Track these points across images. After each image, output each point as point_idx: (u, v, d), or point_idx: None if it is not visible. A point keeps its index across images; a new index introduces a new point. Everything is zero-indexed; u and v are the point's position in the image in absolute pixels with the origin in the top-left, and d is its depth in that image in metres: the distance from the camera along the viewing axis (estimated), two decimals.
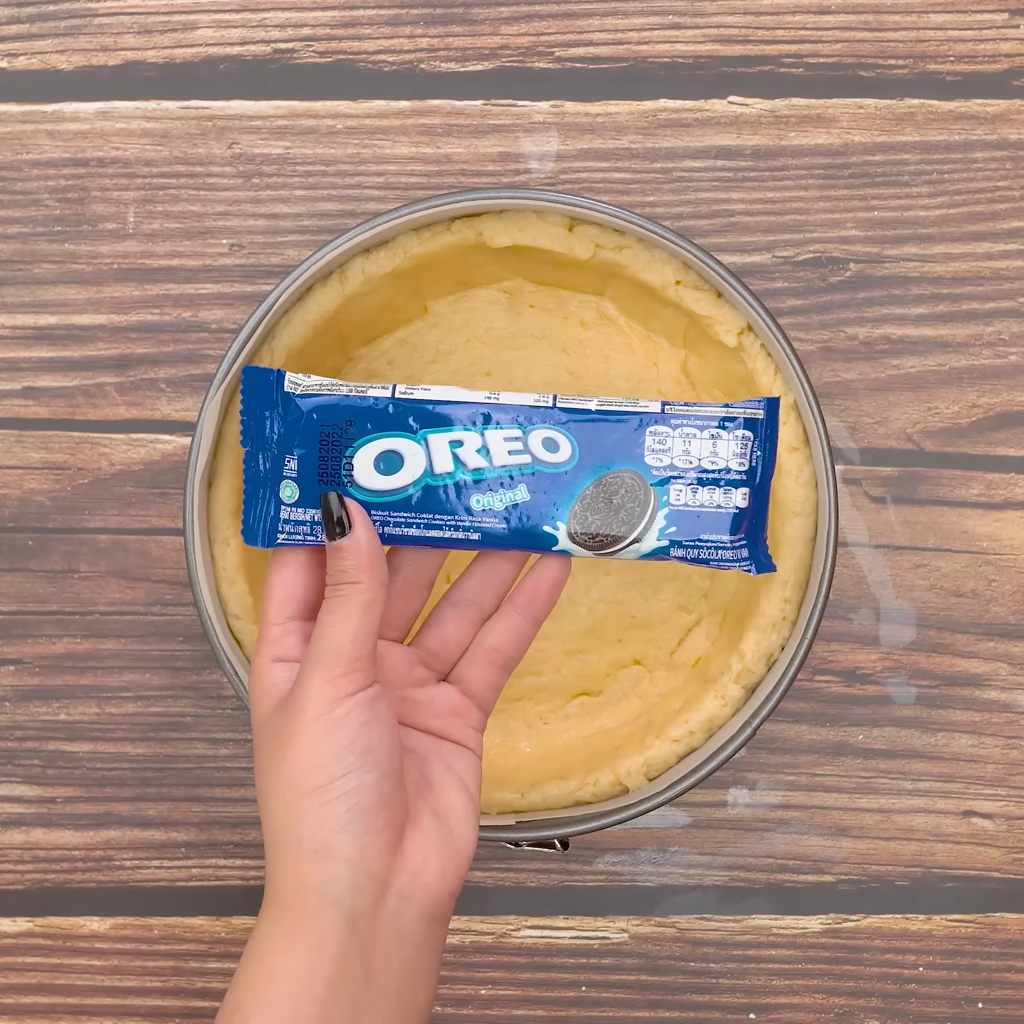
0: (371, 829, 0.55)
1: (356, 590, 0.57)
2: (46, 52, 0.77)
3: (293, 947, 0.54)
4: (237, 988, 0.55)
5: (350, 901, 0.54)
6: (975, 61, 0.77)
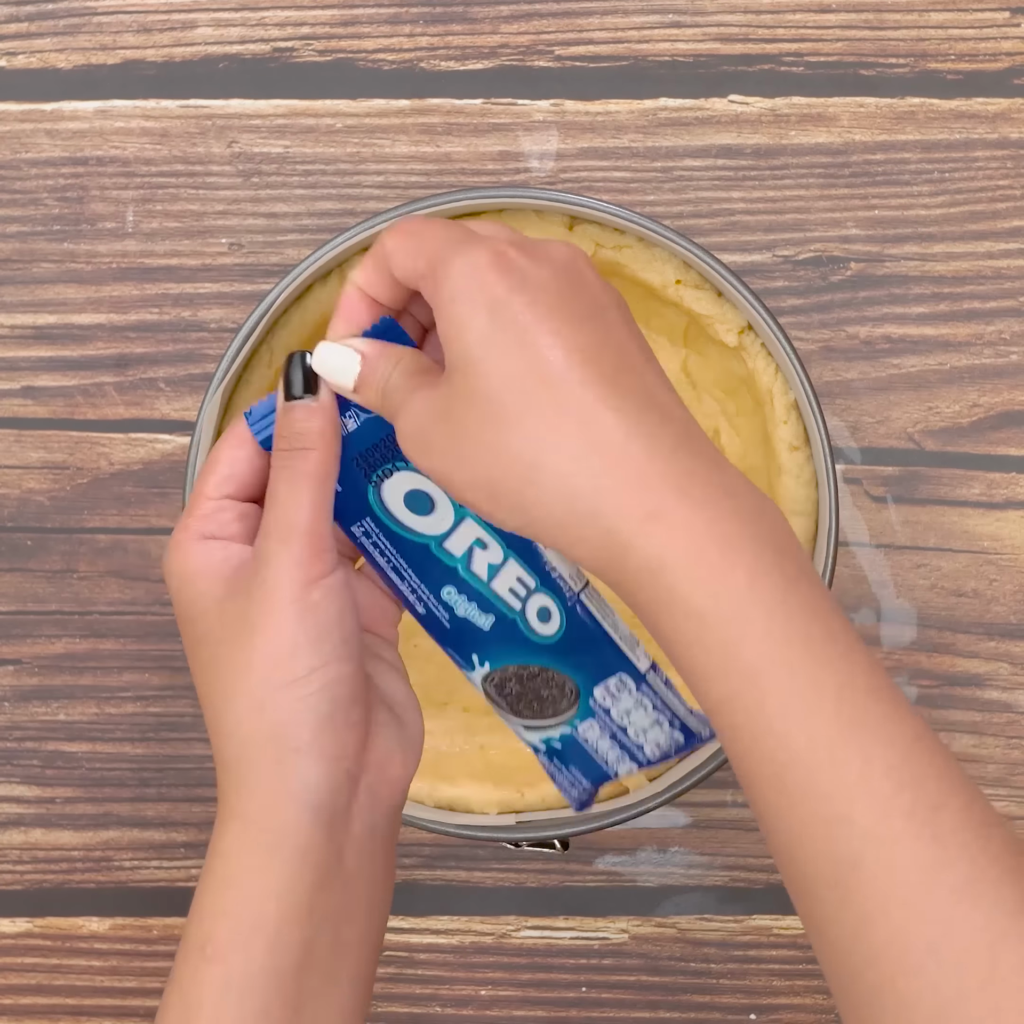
0: (349, 723, 0.50)
1: (313, 458, 0.50)
2: (45, 51, 0.77)
3: (268, 864, 0.49)
4: (204, 916, 0.50)
5: (330, 803, 0.50)
6: (976, 60, 0.77)
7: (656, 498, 0.45)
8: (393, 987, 0.78)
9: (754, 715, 0.44)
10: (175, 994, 0.50)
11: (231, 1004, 0.49)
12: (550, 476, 0.46)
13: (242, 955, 0.49)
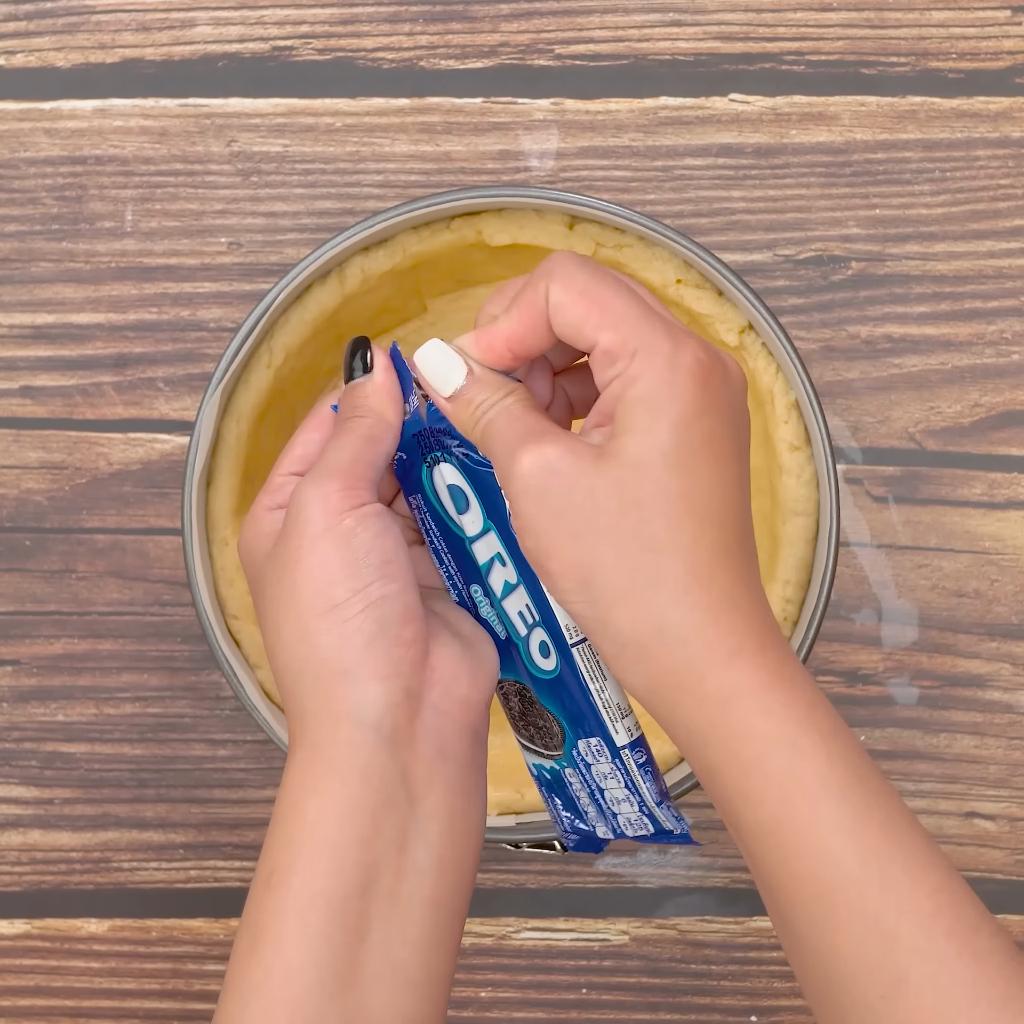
0: (400, 642, 0.50)
1: (362, 422, 0.52)
2: (43, 50, 0.77)
3: (329, 787, 0.49)
4: (271, 848, 0.50)
5: (389, 722, 0.49)
6: (977, 58, 0.76)
7: (741, 643, 0.48)
8: None
9: (807, 835, 0.47)
10: (243, 928, 0.50)
11: (292, 928, 0.48)
12: (654, 598, 0.48)
13: (302, 879, 0.48)
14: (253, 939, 0.49)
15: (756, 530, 0.71)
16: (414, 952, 0.49)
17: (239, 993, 0.49)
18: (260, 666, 0.68)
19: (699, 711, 0.48)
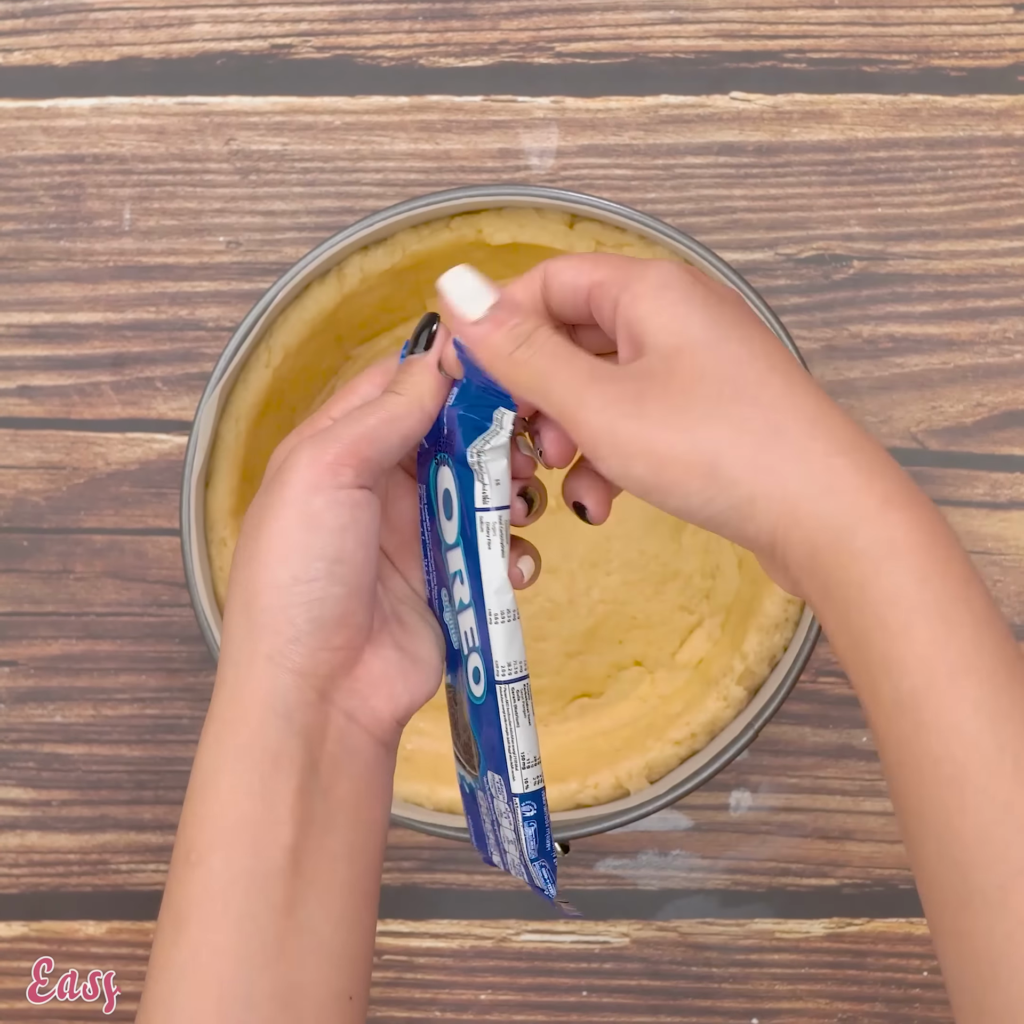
0: (327, 646, 0.50)
1: (392, 399, 0.52)
2: (41, 47, 0.77)
3: (242, 767, 0.50)
4: (187, 824, 0.50)
5: (300, 716, 0.50)
6: (980, 56, 0.76)
7: (890, 489, 0.47)
8: (392, 991, 0.78)
9: (945, 712, 0.45)
10: (165, 907, 0.50)
11: (216, 907, 0.49)
12: (791, 453, 0.47)
13: (223, 857, 0.49)
14: (177, 918, 0.49)
15: None
16: (336, 930, 0.50)
17: (167, 973, 0.49)
18: None
19: (854, 569, 0.46)
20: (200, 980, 0.49)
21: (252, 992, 0.49)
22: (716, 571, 0.73)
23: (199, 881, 0.49)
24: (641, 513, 0.73)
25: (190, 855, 0.50)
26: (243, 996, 0.49)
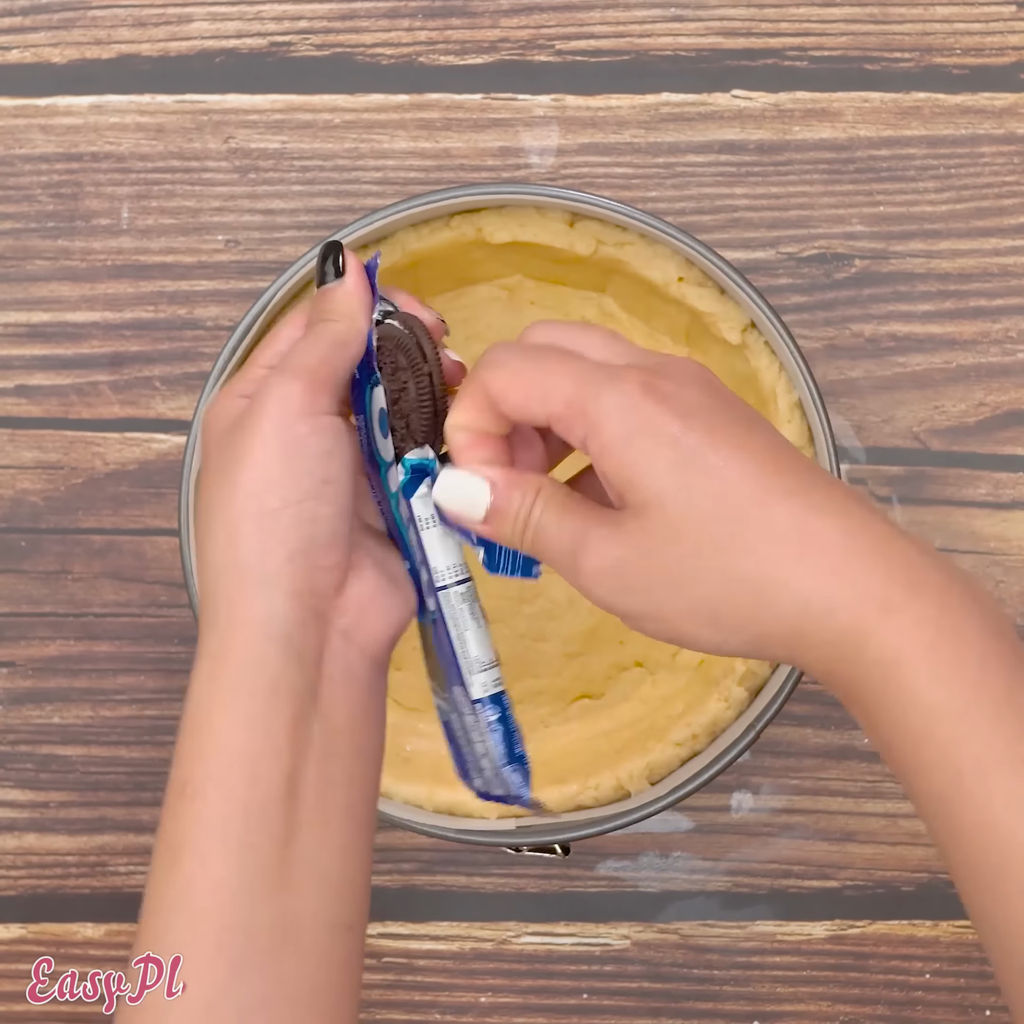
0: (319, 565, 0.50)
1: (332, 326, 0.53)
2: (39, 45, 0.77)
3: (238, 699, 0.49)
4: (182, 759, 0.50)
5: (298, 637, 0.50)
6: (982, 54, 0.76)
7: (888, 591, 0.47)
8: (392, 994, 0.77)
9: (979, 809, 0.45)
10: (160, 842, 0.50)
11: (214, 838, 0.48)
12: (782, 588, 0.47)
13: (220, 789, 0.49)
14: (173, 852, 0.49)
15: None
16: (333, 858, 0.50)
17: (163, 907, 0.49)
18: None
19: (867, 682, 0.46)
20: (198, 911, 0.48)
21: (252, 922, 0.48)
22: None
23: (195, 814, 0.49)
24: None
25: (185, 788, 0.49)
26: (243, 926, 0.48)
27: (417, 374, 0.54)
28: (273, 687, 0.49)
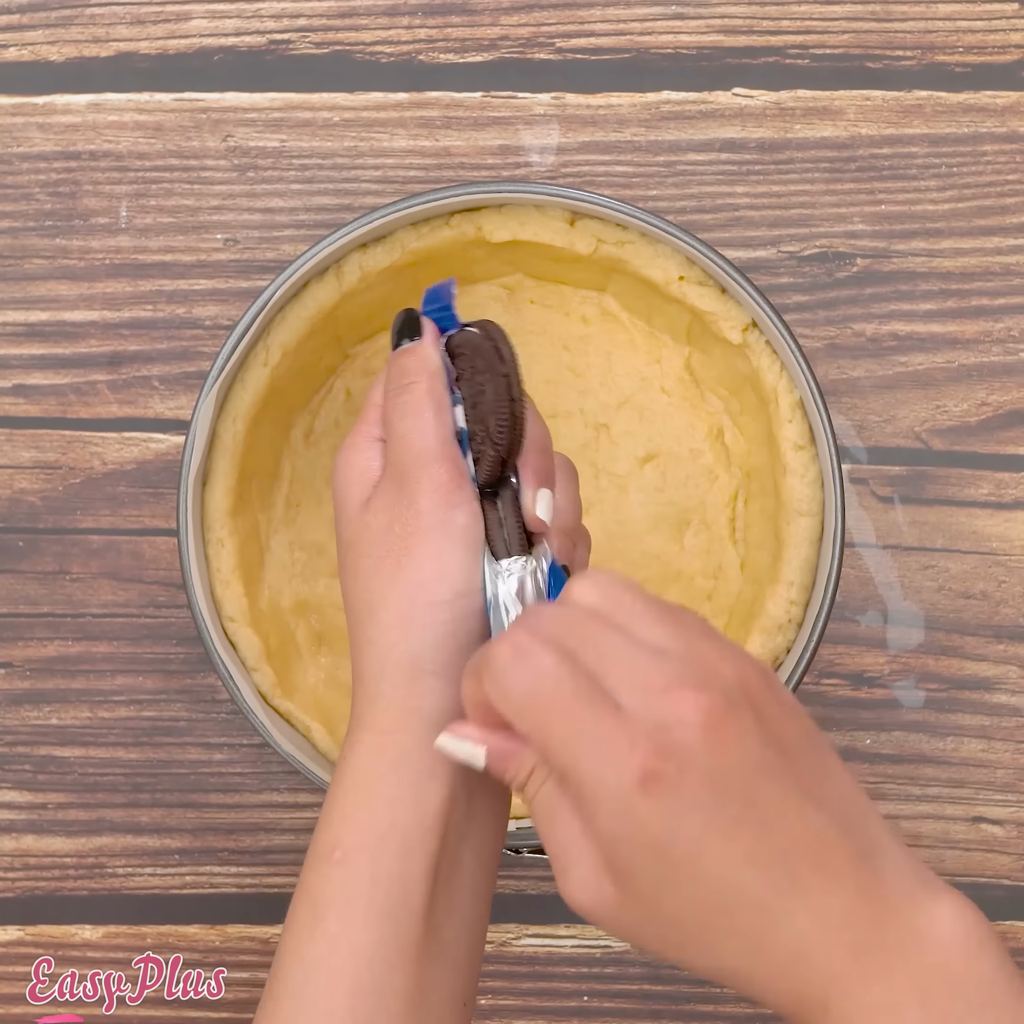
0: None
1: (421, 389, 0.55)
2: (37, 43, 0.76)
3: (399, 775, 0.51)
4: (334, 823, 0.52)
5: None
6: (984, 52, 0.76)
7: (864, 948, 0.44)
8: None
9: None
10: (303, 900, 0.52)
11: (359, 905, 0.50)
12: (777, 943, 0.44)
13: (370, 858, 0.51)
14: (315, 912, 0.51)
15: (759, 531, 0.71)
16: (460, 935, 0.52)
17: (301, 964, 0.51)
18: (256, 669, 0.68)
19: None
20: (334, 974, 0.50)
21: (384, 991, 0.50)
22: (718, 572, 0.72)
23: (342, 879, 0.51)
24: (643, 513, 0.73)
25: (334, 853, 0.51)
26: (375, 993, 0.50)
27: (495, 375, 0.55)
28: (432, 770, 0.51)
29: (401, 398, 0.55)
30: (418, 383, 0.55)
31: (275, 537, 0.72)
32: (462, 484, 0.54)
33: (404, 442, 0.54)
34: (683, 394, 0.73)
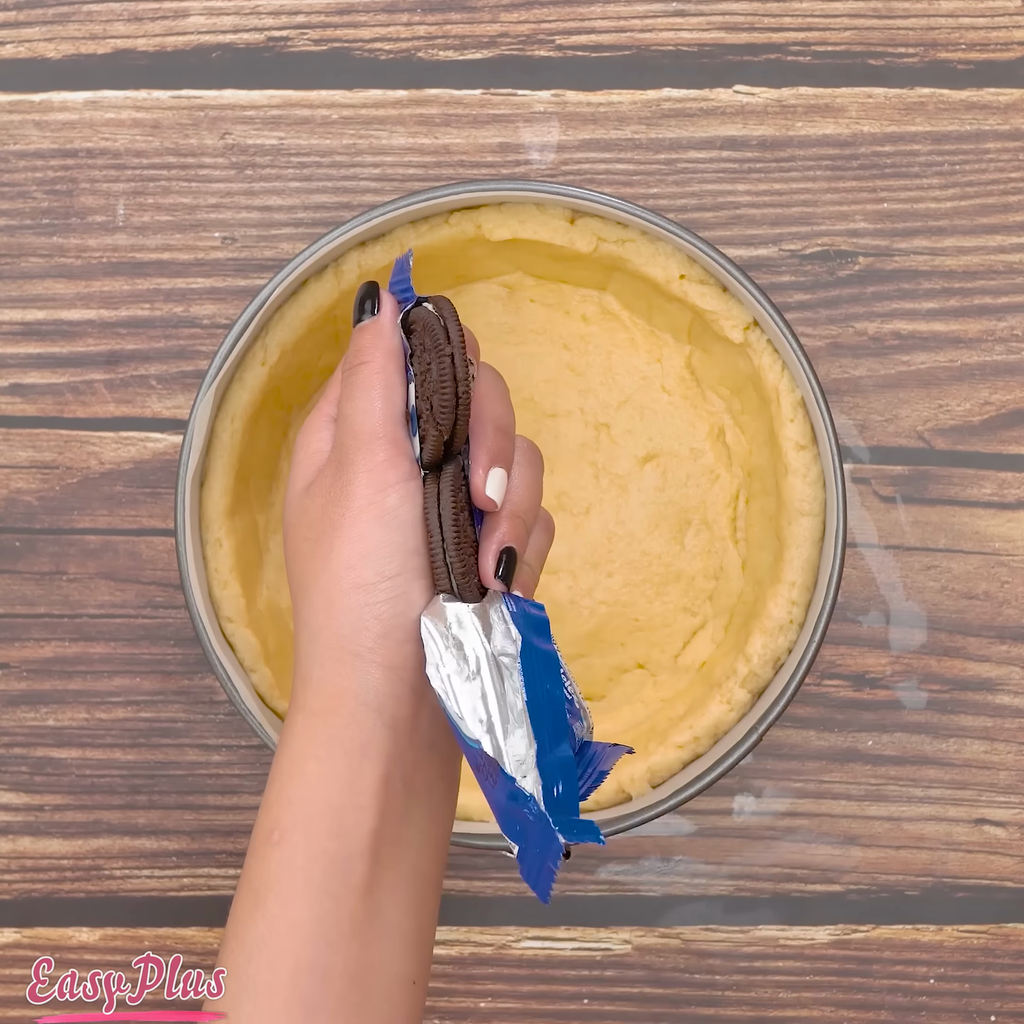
0: (413, 637, 0.53)
1: (371, 368, 0.55)
2: (34, 40, 0.76)
3: (331, 755, 0.52)
4: (271, 805, 0.53)
5: (390, 708, 0.52)
6: (987, 49, 0.76)
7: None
8: None
9: None
10: (244, 884, 0.52)
11: (296, 883, 0.51)
12: None
13: (306, 837, 0.51)
14: (256, 894, 0.51)
15: (761, 531, 0.70)
16: (404, 915, 0.52)
17: (243, 946, 0.51)
18: (254, 669, 0.68)
19: None
20: (276, 953, 0.50)
21: (327, 968, 0.50)
22: (719, 572, 0.72)
23: (280, 859, 0.51)
24: (643, 513, 0.72)
25: (272, 834, 0.52)
26: (318, 971, 0.50)
27: (440, 355, 0.55)
28: (364, 749, 0.52)
29: (352, 378, 0.56)
30: (369, 363, 0.55)
31: (273, 537, 0.72)
32: (397, 464, 0.53)
33: (347, 422, 0.55)
34: (684, 393, 0.73)
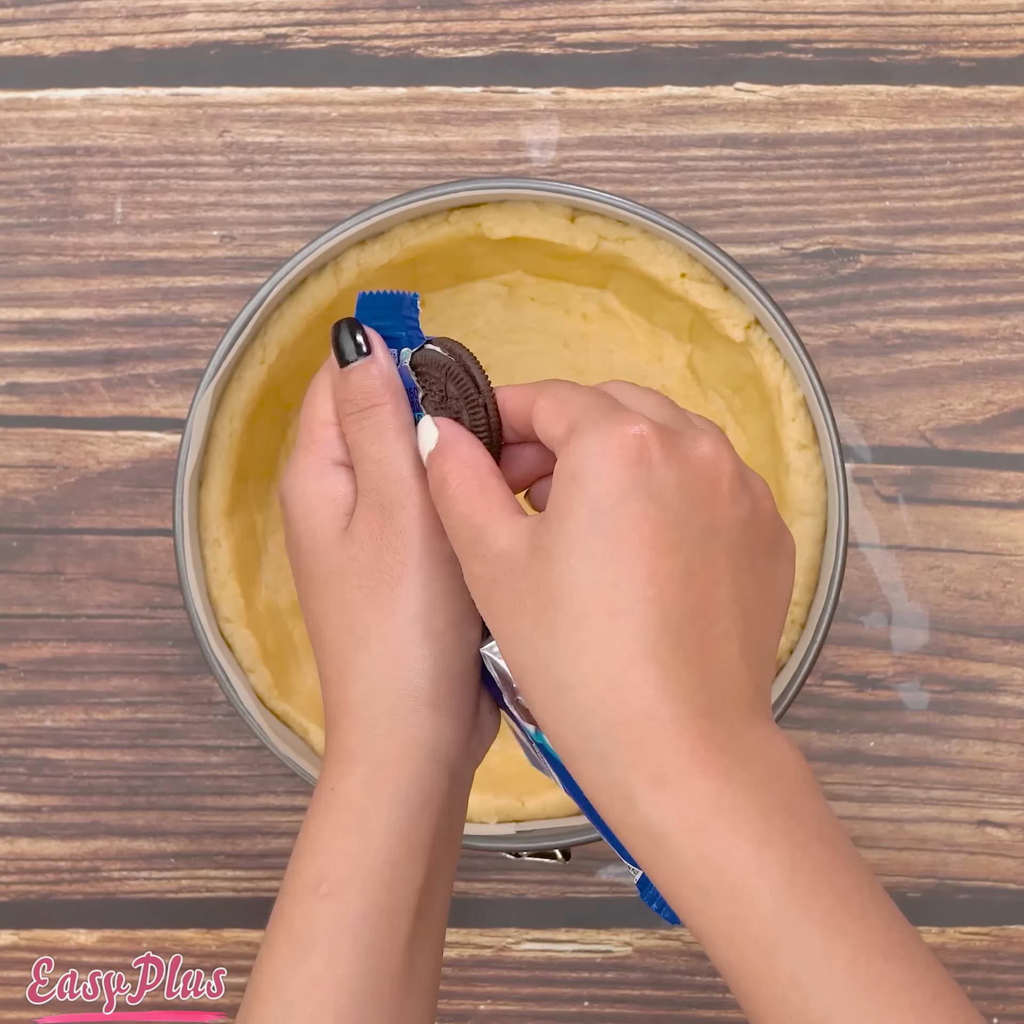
0: (472, 685, 0.53)
1: (388, 411, 0.53)
2: (31, 37, 0.76)
3: (394, 809, 0.51)
4: (320, 855, 0.51)
5: (454, 759, 0.52)
6: (990, 46, 0.76)
7: (665, 763, 0.45)
8: None
9: (766, 985, 0.44)
10: (283, 932, 0.52)
11: (346, 939, 0.50)
12: (575, 703, 0.46)
13: (358, 892, 0.51)
14: (299, 945, 0.51)
15: None
16: (431, 966, 0.53)
17: (281, 998, 0.50)
18: (253, 670, 0.68)
19: (635, 842, 0.45)
20: (317, 1009, 0.50)
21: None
22: None
23: (329, 913, 0.51)
24: None
25: (320, 886, 0.51)
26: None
27: (471, 405, 0.53)
28: (424, 802, 0.52)
29: (368, 421, 0.54)
30: (383, 405, 0.54)
31: (272, 537, 0.72)
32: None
33: (380, 468, 0.53)
34: (685, 392, 0.72)
